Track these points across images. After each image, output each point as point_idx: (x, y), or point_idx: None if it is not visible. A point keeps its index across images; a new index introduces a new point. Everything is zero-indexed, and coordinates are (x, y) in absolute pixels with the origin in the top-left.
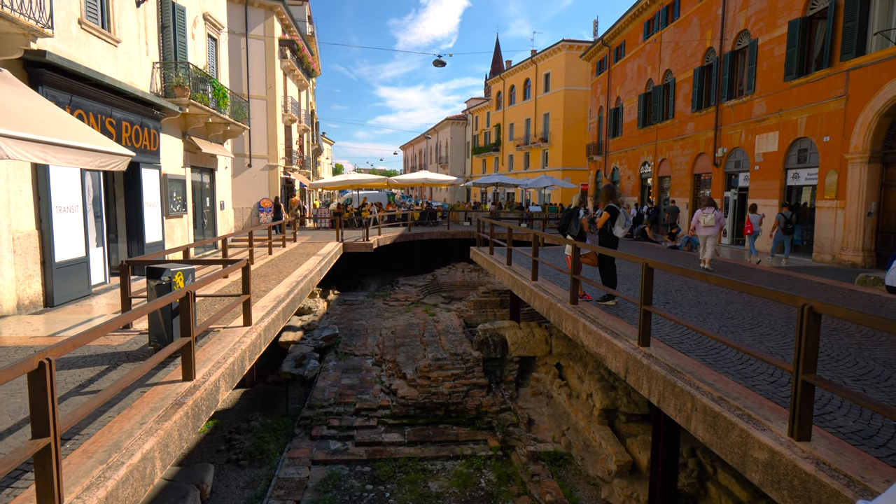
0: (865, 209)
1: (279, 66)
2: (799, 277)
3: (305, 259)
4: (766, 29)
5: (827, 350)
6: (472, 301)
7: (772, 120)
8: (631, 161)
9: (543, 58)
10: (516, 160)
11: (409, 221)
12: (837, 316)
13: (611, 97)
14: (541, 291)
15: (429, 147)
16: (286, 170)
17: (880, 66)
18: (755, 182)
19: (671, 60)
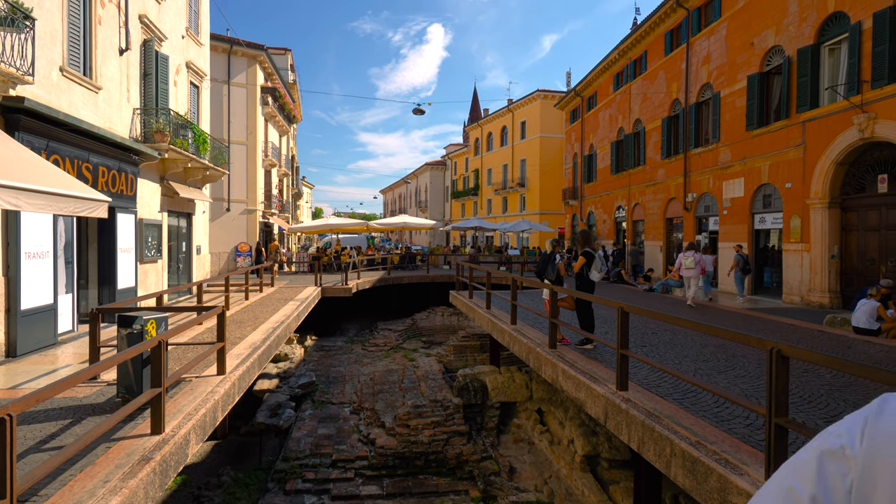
0: (829, 252)
1: (260, 112)
2: (770, 319)
3: (283, 304)
4: (727, 83)
5: (799, 392)
6: (451, 345)
7: (737, 167)
8: (606, 205)
9: (519, 106)
10: (495, 204)
11: (389, 265)
12: (804, 359)
13: (584, 144)
14: (520, 335)
15: (408, 191)
16: (265, 214)
17: (833, 118)
18: (724, 226)
19: (641, 110)
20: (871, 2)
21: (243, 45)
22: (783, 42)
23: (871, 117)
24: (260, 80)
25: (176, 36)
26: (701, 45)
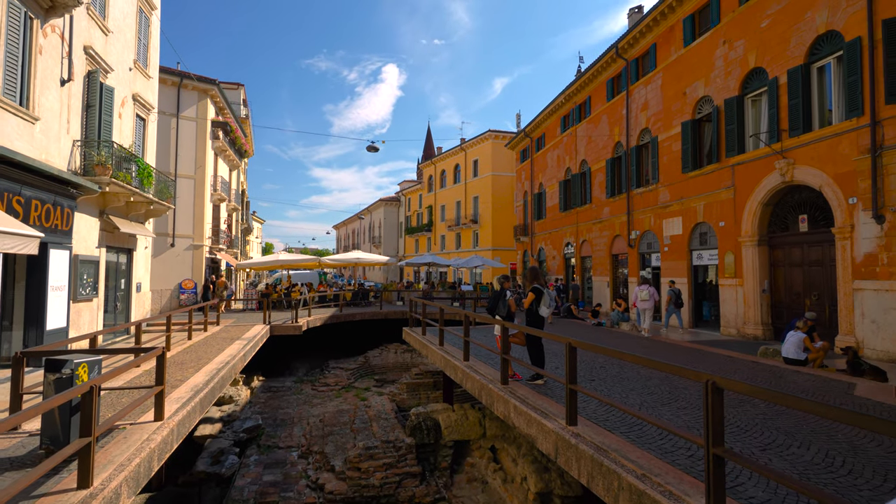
0: (760, 287)
1: (210, 146)
2: (710, 351)
3: (228, 344)
4: (663, 128)
5: (736, 421)
6: (404, 383)
7: (675, 206)
8: (555, 242)
9: (472, 145)
10: (448, 240)
11: (341, 302)
12: (736, 390)
13: (534, 183)
14: (472, 372)
15: (362, 227)
16: (212, 249)
17: (758, 163)
18: (665, 262)
19: (586, 151)
20: (785, 60)
21: (194, 78)
22: (712, 93)
23: (791, 163)
24: (211, 114)
25: (123, 68)
26: (639, 92)
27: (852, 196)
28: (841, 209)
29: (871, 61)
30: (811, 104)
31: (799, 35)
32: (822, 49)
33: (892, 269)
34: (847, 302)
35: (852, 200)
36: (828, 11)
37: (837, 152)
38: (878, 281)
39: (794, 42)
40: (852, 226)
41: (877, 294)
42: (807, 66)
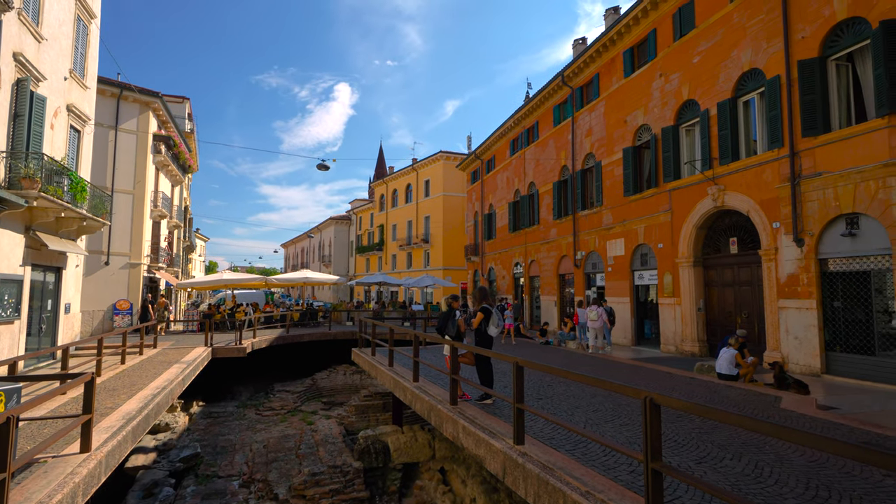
0: (696, 305)
1: (152, 160)
2: (651, 368)
3: (166, 368)
4: (606, 153)
5: (674, 436)
6: (353, 406)
7: (618, 228)
8: (505, 262)
9: (423, 166)
10: (399, 259)
11: (288, 322)
12: (672, 407)
13: (485, 203)
14: (422, 393)
15: (311, 245)
16: (151, 268)
17: (692, 189)
18: (609, 282)
19: (534, 174)
20: (715, 93)
21: (135, 90)
22: (650, 122)
23: (722, 189)
24: (153, 128)
25: (57, 77)
26: (584, 119)
27: (776, 221)
28: (766, 233)
29: (789, 98)
30: (738, 135)
31: (727, 71)
32: (746, 85)
33: (811, 289)
34: (773, 319)
35: (776, 225)
36: (751, 51)
37: (762, 180)
38: (799, 300)
39: (723, 77)
40: (776, 248)
41: (799, 312)
42: (734, 100)
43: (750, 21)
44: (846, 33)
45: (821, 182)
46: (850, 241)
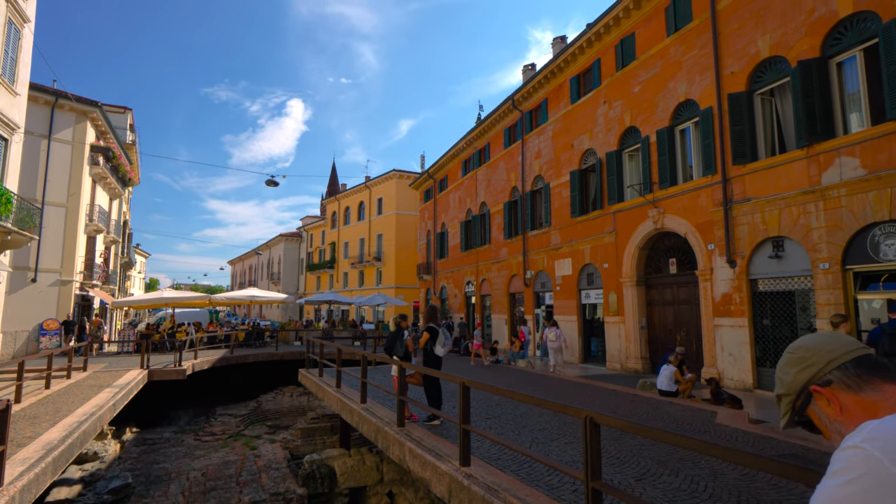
0: (639, 324)
1: (88, 172)
2: (597, 385)
3: (96, 392)
4: (554, 176)
5: (616, 453)
6: (299, 429)
7: (565, 249)
8: (456, 280)
9: (377, 184)
10: (351, 277)
11: (233, 343)
12: (611, 426)
13: (437, 222)
14: (369, 415)
15: (260, 263)
16: (84, 285)
17: (635, 211)
18: (558, 301)
19: (486, 194)
20: (655, 122)
21: (72, 99)
22: (595, 146)
23: (661, 212)
24: (90, 138)
25: None
26: (533, 142)
27: (710, 243)
28: (702, 254)
29: (720, 128)
30: (676, 161)
31: (664, 101)
32: (683, 114)
33: (743, 308)
34: (710, 337)
35: (710, 247)
36: (686, 83)
37: (697, 204)
38: (732, 318)
39: (661, 107)
40: (711, 269)
41: (732, 330)
42: (671, 128)
43: (685, 55)
44: (769, 70)
45: (750, 207)
46: (777, 262)
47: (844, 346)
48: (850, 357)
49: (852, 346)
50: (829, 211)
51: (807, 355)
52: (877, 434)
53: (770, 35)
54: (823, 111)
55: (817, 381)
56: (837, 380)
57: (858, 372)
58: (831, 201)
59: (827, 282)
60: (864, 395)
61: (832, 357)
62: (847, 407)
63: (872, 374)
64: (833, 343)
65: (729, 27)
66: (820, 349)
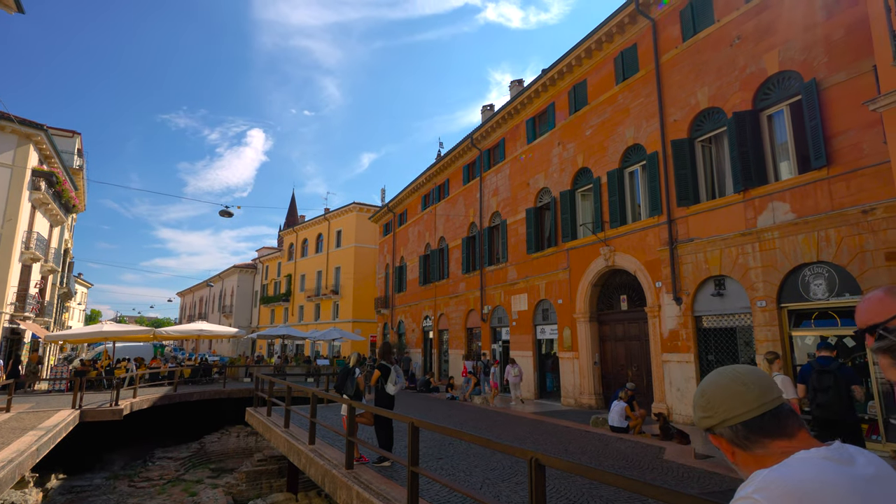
0: (592, 359)
1: (28, 198)
2: (550, 422)
3: (18, 435)
4: (511, 213)
5: (567, 493)
6: (244, 472)
7: (521, 284)
8: (415, 315)
9: (336, 216)
10: (307, 311)
11: (177, 379)
12: (555, 467)
13: (396, 256)
14: (317, 456)
15: (211, 295)
16: (14, 318)
17: (587, 249)
18: (514, 336)
19: (444, 229)
20: (605, 163)
21: (14, 120)
22: (550, 185)
23: (612, 250)
24: (33, 162)
25: None
26: (491, 179)
27: (658, 280)
28: (650, 291)
29: (665, 171)
30: (626, 201)
31: (614, 144)
32: (631, 158)
33: (689, 344)
34: (659, 372)
35: (658, 284)
36: (634, 129)
37: (646, 243)
38: (680, 353)
39: (611, 150)
40: (659, 306)
41: (679, 365)
42: (621, 170)
43: (632, 103)
44: (708, 120)
45: (693, 247)
46: (719, 300)
47: (743, 404)
48: (744, 419)
49: (752, 404)
50: (764, 252)
51: (707, 406)
52: (766, 484)
53: (708, 87)
54: (757, 159)
55: (714, 432)
56: (728, 437)
57: (747, 434)
58: (766, 243)
59: (765, 319)
60: (753, 451)
61: (726, 417)
62: (738, 456)
63: (760, 436)
64: (732, 401)
65: (672, 78)
66: (718, 406)
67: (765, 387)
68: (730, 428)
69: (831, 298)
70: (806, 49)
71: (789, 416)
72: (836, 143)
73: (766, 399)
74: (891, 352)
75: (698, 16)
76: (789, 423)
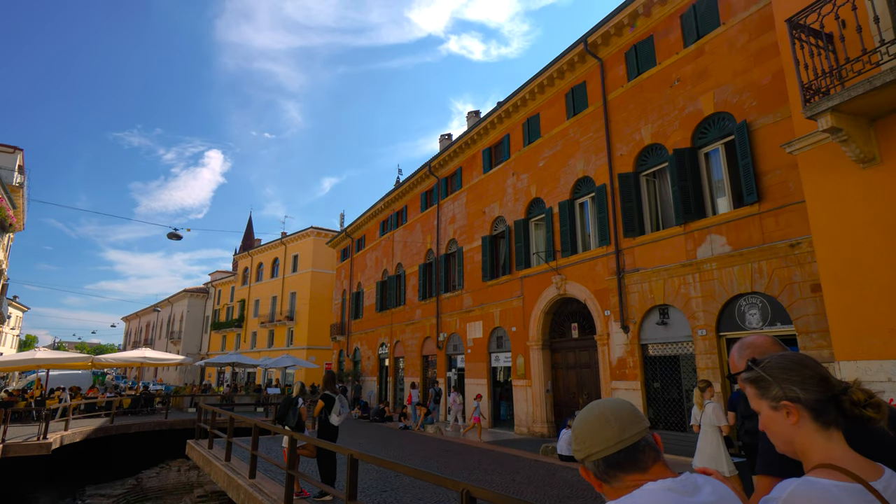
0: (545, 387)
1: None
2: (500, 451)
3: None
4: (467, 240)
5: None
6: None
7: (477, 311)
8: (371, 342)
9: (293, 240)
10: (260, 337)
11: (114, 410)
12: (485, 498)
13: (353, 282)
14: (256, 491)
15: (159, 320)
16: None
17: (540, 277)
18: (469, 363)
19: (402, 255)
20: (557, 194)
21: None
22: (505, 214)
23: (564, 279)
24: None
25: None
26: (448, 207)
27: (607, 309)
28: (600, 319)
29: (613, 203)
30: (576, 231)
31: (566, 176)
32: (581, 189)
33: (636, 371)
34: None
35: (607, 313)
36: (584, 161)
37: (595, 272)
38: (627, 381)
39: (563, 181)
40: (608, 334)
41: (627, 393)
42: (572, 201)
43: (582, 136)
44: (651, 155)
45: (639, 277)
46: (664, 328)
47: (604, 441)
48: (604, 454)
49: (611, 441)
50: (703, 282)
51: (576, 441)
52: None
53: (651, 125)
54: (696, 193)
55: (584, 464)
56: (593, 471)
57: (605, 468)
58: (705, 273)
59: (705, 347)
60: (611, 484)
61: (589, 453)
62: (603, 488)
63: (617, 470)
64: (594, 437)
65: (618, 115)
66: (583, 441)
67: (625, 423)
68: (593, 462)
69: (765, 327)
70: (737, 93)
71: (645, 451)
72: (765, 180)
73: (625, 436)
74: (756, 383)
75: (642, 57)
76: (644, 457)
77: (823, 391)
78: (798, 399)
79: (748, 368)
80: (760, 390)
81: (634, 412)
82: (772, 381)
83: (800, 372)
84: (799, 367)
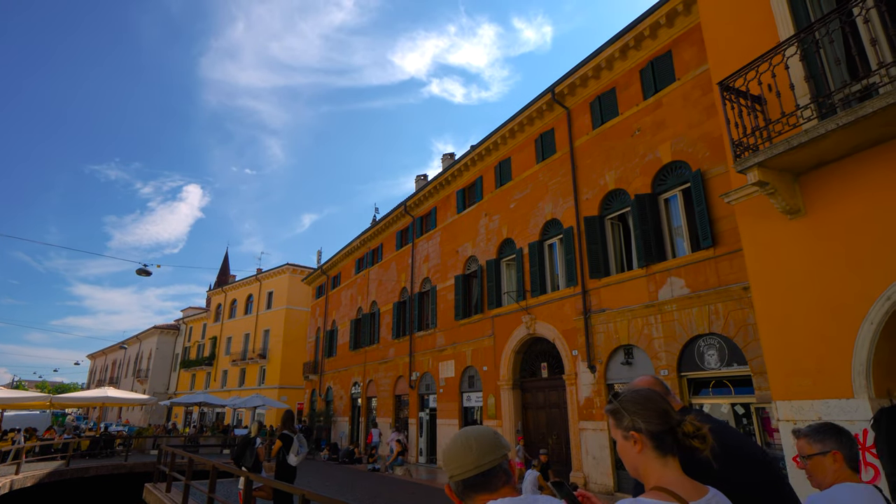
0: (515, 427)
1: None
2: None
3: None
4: (441, 279)
5: None
6: None
7: (449, 350)
8: (343, 381)
9: (268, 276)
10: (231, 376)
11: (70, 452)
12: None
13: (328, 319)
14: None
15: (127, 357)
16: None
17: (511, 316)
18: (441, 403)
19: (377, 293)
20: (527, 235)
21: None
22: (477, 254)
23: (533, 318)
24: None
25: None
26: (423, 246)
27: (574, 349)
28: (568, 359)
29: (579, 245)
30: (545, 272)
31: (535, 218)
32: (550, 231)
33: (602, 412)
34: (576, 440)
35: (575, 353)
36: (552, 204)
37: (563, 312)
38: (595, 421)
39: (532, 223)
40: (576, 374)
41: (595, 433)
42: (541, 242)
43: (551, 180)
44: (615, 200)
45: (605, 317)
46: (628, 368)
47: (464, 465)
48: (463, 477)
49: (470, 465)
50: (665, 323)
51: (444, 461)
52: None
53: (615, 171)
54: (657, 237)
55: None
56: (454, 490)
57: (463, 489)
58: (667, 314)
59: None
60: (465, 502)
61: (452, 474)
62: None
63: (472, 491)
64: (457, 460)
65: (584, 161)
66: (449, 464)
67: (485, 449)
68: (455, 483)
69: (722, 368)
70: (692, 143)
71: (498, 475)
72: (719, 226)
73: (483, 461)
74: (613, 414)
75: (605, 108)
76: (496, 480)
77: (663, 423)
78: (641, 430)
79: (609, 401)
80: (616, 421)
81: (495, 441)
82: (625, 414)
83: (646, 405)
84: (646, 401)
